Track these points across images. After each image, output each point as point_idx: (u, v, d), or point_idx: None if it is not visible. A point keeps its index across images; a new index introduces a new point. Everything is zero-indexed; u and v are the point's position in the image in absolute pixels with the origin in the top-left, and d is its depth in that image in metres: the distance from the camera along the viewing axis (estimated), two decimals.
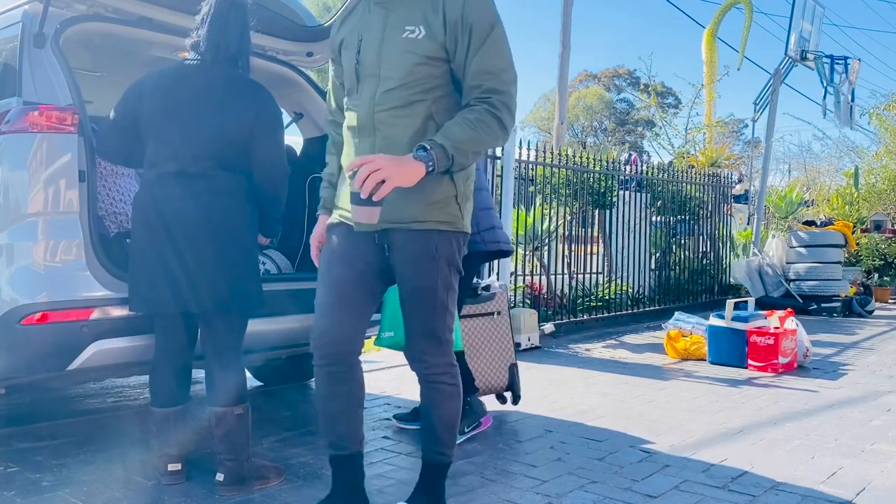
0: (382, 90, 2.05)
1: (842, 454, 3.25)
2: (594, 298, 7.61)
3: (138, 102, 2.65)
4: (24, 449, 3.12)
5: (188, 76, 2.65)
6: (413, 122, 2.05)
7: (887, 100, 15.75)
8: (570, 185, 7.26)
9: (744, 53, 14.97)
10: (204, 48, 2.64)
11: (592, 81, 41.24)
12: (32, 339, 2.54)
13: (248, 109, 2.63)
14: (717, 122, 15.07)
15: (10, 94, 2.77)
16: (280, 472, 2.78)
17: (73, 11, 3.05)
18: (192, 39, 2.67)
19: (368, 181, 1.84)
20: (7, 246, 2.58)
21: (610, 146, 32.51)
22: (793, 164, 22.24)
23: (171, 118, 2.59)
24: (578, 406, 4.12)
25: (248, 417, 2.67)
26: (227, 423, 2.60)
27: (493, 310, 3.84)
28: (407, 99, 2.04)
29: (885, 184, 14.01)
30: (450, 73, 2.08)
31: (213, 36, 2.62)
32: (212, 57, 2.64)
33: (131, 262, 2.62)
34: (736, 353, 5.39)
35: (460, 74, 2.07)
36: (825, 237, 9.68)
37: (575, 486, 2.77)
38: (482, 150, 2.05)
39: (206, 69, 2.65)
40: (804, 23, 9.86)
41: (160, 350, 2.69)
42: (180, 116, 2.59)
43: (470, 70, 2.03)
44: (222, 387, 2.63)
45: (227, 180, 2.60)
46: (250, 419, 2.69)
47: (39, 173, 2.61)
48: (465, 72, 2.05)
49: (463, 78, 2.06)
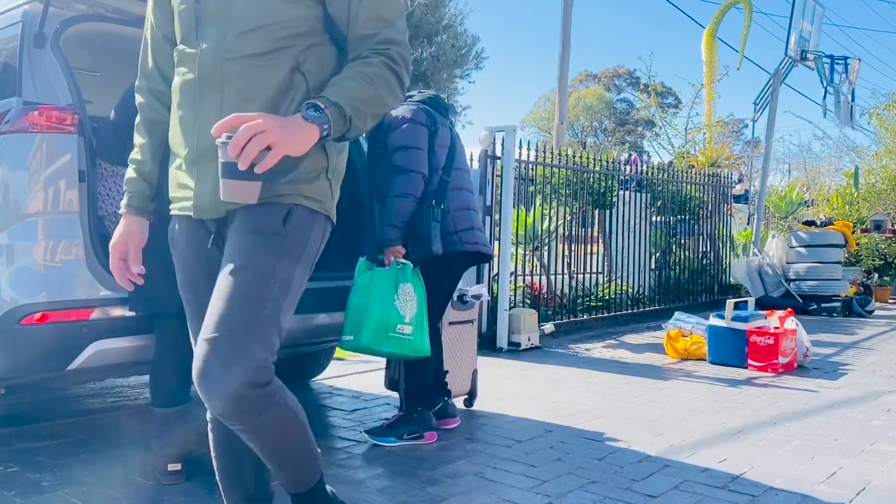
0: (235, 32, 1.61)
1: (842, 454, 3.25)
2: (594, 298, 7.61)
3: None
4: (24, 449, 3.12)
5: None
6: (275, 73, 1.62)
7: (887, 100, 15.77)
8: (570, 185, 7.26)
9: (743, 53, 14.98)
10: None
11: (592, 81, 41.27)
12: (32, 339, 2.54)
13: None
14: (717, 122, 15.06)
15: (10, 94, 2.77)
16: None
17: (73, 11, 3.06)
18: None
19: (250, 147, 1.42)
20: (7, 246, 2.58)
21: (610, 146, 32.52)
22: (793, 164, 22.27)
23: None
24: (578, 406, 4.13)
25: None
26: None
27: (472, 317, 3.92)
28: (268, 45, 1.61)
29: (885, 184, 14.01)
30: (324, 18, 1.68)
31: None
32: None
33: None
34: (736, 353, 5.39)
35: (342, 20, 1.67)
36: (825, 237, 9.68)
37: (575, 486, 2.77)
38: (381, 112, 1.66)
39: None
40: (804, 23, 9.86)
41: (160, 350, 2.69)
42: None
43: (359, 16, 1.65)
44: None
45: None
46: None
47: (39, 173, 2.61)
48: (349, 17, 1.66)
49: (347, 25, 1.67)
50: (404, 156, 3.21)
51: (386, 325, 2.98)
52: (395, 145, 3.23)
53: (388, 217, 3.18)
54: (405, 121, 3.27)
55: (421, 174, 3.21)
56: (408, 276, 3.12)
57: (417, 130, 3.26)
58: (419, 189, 3.20)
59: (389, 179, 3.21)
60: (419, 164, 3.21)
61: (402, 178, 3.18)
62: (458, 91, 21.64)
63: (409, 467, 2.96)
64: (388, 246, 3.16)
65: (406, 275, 3.11)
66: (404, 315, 3.06)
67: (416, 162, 3.20)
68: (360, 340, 2.98)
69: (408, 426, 3.30)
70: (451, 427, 3.55)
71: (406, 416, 3.35)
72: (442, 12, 20.17)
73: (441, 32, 20.25)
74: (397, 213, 3.16)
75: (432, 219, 3.22)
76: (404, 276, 3.10)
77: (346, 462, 3.03)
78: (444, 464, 3.01)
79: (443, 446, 3.27)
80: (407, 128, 3.25)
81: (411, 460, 3.05)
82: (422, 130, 3.28)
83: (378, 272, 3.08)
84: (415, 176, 3.18)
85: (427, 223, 3.20)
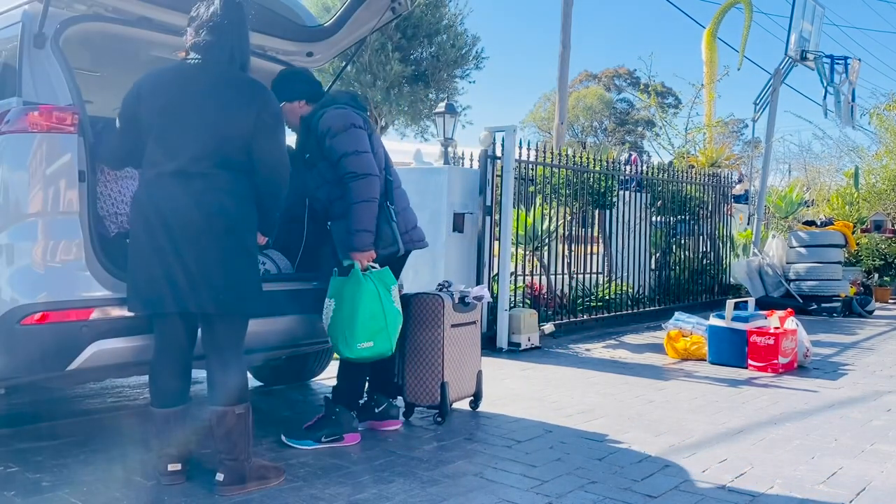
0: None
1: (842, 454, 3.25)
2: (594, 298, 7.61)
3: (137, 103, 2.62)
4: (24, 449, 3.12)
5: (188, 76, 2.63)
6: None
7: (887, 100, 15.74)
8: (570, 185, 7.25)
9: (744, 53, 14.97)
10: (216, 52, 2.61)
11: (592, 81, 41.26)
12: (32, 339, 2.54)
13: (249, 108, 2.61)
14: (717, 122, 15.05)
15: (10, 94, 2.77)
16: (280, 471, 2.77)
17: (73, 11, 3.06)
18: (195, 40, 2.63)
19: None
20: (7, 246, 2.58)
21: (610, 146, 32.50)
22: (793, 164, 22.22)
23: (170, 118, 2.57)
24: (578, 406, 4.12)
25: (249, 417, 2.67)
26: (227, 423, 2.60)
27: (475, 319, 3.92)
28: None
29: (885, 184, 13.99)
30: None
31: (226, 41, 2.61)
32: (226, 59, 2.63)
33: (130, 263, 2.61)
34: (736, 353, 5.39)
35: None
36: (825, 237, 9.67)
37: (575, 486, 2.77)
38: None
39: (207, 69, 2.63)
40: (804, 23, 9.85)
41: (160, 350, 2.69)
42: (180, 116, 2.57)
43: None
44: (223, 386, 2.62)
45: (227, 179, 2.59)
46: (251, 419, 2.69)
47: (39, 173, 2.61)
48: None
49: None
50: (357, 160, 3.14)
51: (397, 327, 3.20)
52: (343, 151, 3.14)
53: (358, 223, 3.12)
54: (347, 125, 3.19)
55: (377, 176, 3.18)
56: (393, 277, 3.23)
57: (359, 134, 3.21)
58: (379, 191, 3.18)
59: (341, 186, 3.15)
60: (373, 167, 3.17)
61: (361, 183, 3.12)
62: (458, 91, 21.66)
63: (409, 467, 2.96)
64: (363, 251, 3.13)
65: (391, 276, 3.22)
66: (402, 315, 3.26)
67: (370, 165, 3.16)
68: (388, 346, 3.15)
69: (326, 428, 3.26)
70: (391, 429, 3.53)
71: (325, 418, 3.31)
72: (442, 12, 20.19)
73: (441, 32, 20.27)
74: (367, 218, 3.13)
75: (391, 219, 3.25)
76: (391, 279, 3.21)
77: (347, 462, 3.03)
78: (444, 464, 3.01)
79: (443, 446, 3.27)
80: (351, 132, 3.18)
81: (411, 460, 3.05)
82: (363, 134, 3.23)
83: (375, 277, 3.13)
84: (373, 178, 3.15)
85: (389, 224, 3.24)
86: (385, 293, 3.14)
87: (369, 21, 3.96)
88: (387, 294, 3.15)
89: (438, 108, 8.84)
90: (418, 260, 6.27)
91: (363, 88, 19.54)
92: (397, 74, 19.11)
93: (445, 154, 7.87)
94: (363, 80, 19.35)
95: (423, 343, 3.62)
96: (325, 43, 4.06)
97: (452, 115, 8.75)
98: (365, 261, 3.14)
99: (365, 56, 18.70)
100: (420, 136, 22.31)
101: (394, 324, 3.16)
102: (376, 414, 3.53)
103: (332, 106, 3.29)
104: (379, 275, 3.16)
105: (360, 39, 4.14)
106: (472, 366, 3.88)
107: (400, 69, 19.12)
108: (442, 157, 7.62)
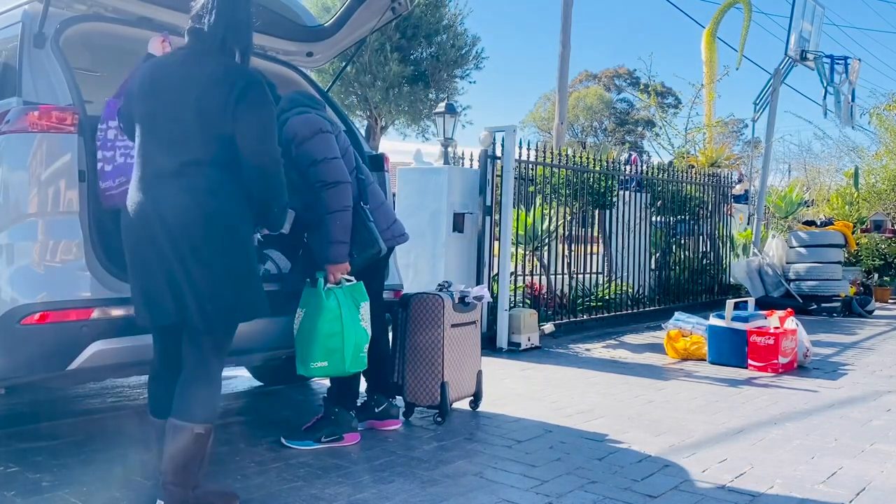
0: None
1: (842, 454, 3.25)
2: (594, 298, 7.61)
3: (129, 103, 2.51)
4: (24, 449, 3.12)
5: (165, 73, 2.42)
6: None
7: (887, 100, 15.74)
8: (570, 185, 7.25)
9: (743, 53, 14.95)
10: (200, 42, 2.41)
11: (592, 81, 41.26)
12: (32, 339, 2.54)
13: (230, 93, 2.34)
14: (717, 122, 15.03)
15: (10, 94, 2.77)
16: (230, 499, 2.51)
17: (73, 11, 3.06)
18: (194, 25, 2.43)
19: None
20: (7, 246, 2.58)
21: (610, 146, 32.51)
22: (793, 164, 22.22)
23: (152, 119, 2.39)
24: (578, 406, 4.12)
25: (209, 441, 2.41)
26: (181, 440, 2.32)
27: (475, 319, 3.91)
28: None
29: (885, 184, 13.98)
30: None
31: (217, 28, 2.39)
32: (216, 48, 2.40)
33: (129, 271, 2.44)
34: (736, 353, 5.39)
35: None
36: (825, 237, 9.67)
37: (575, 486, 2.77)
38: None
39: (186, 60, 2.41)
40: (804, 23, 9.85)
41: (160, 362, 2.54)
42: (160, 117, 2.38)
43: None
44: (190, 398, 2.36)
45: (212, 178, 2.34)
46: (210, 443, 2.43)
47: (39, 173, 2.61)
48: None
49: None
50: (328, 168, 3.07)
51: (360, 347, 3.08)
52: (312, 159, 3.06)
53: (331, 234, 3.06)
54: (314, 131, 3.11)
55: (349, 183, 3.13)
56: (364, 294, 3.14)
57: (329, 139, 3.14)
58: (351, 199, 3.13)
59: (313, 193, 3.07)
60: (343, 173, 3.11)
61: (332, 192, 3.06)
62: (458, 91, 21.68)
63: (409, 467, 2.96)
64: (338, 263, 3.08)
65: (363, 293, 3.14)
66: (369, 334, 3.14)
67: (341, 172, 3.11)
68: (342, 367, 3.03)
69: (326, 429, 3.26)
70: (391, 429, 3.52)
71: (324, 418, 3.31)
72: (442, 12, 20.19)
73: (441, 32, 20.28)
74: (340, 228, 3.07)
75: (368, 220, 3.19)
76: (362, 295, 3.13)
77: (346, 462, 3.03)
78: (444, 464, 3.01)
79: (443, 446, 3.27)
80: (318, 139, 3.11)
81: (411, 460, 3.05)
82: (331, 138, 3.16)
83: (339, 294, 3.04)
84: (344, 186, 3.09)
85: (366, 225, 3.17)
86: (351, 311, 3.05)
87: (369, 21, 3.96)
88: (352, 312, 3.05)
89: (438, 108, 8.85)
90: (418, 260, 6.28)
91: (363, 88, 19.55)
92: (396, 75, 19.11)
93: (445, 154, 7.88)
94: (363, 81, 19.35)
95: (423, 343, 3.62)
96: (325, 43, 4.06)
97: (452, 115, 8.76)
98: (338, 273, 3.08)
99: (364, 56, 18.70)
100: (420, 136, 22.33)
101: (353, 344, 3.03)
102: (376, 414, 3.53)
103: (294, 111, 3.19)
104: (350, 290, 3.09)
105: (360, 39, 4.14)
106: (472, 366, 3.88)
107: (399, 69, 19.11)
108: (442, 157, 7.63)
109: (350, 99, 20.24)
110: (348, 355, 3.02)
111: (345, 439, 3.27)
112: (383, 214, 3.39)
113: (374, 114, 20.64)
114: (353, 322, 3.06)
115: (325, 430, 3.25)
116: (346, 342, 3.01)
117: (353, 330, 3.04)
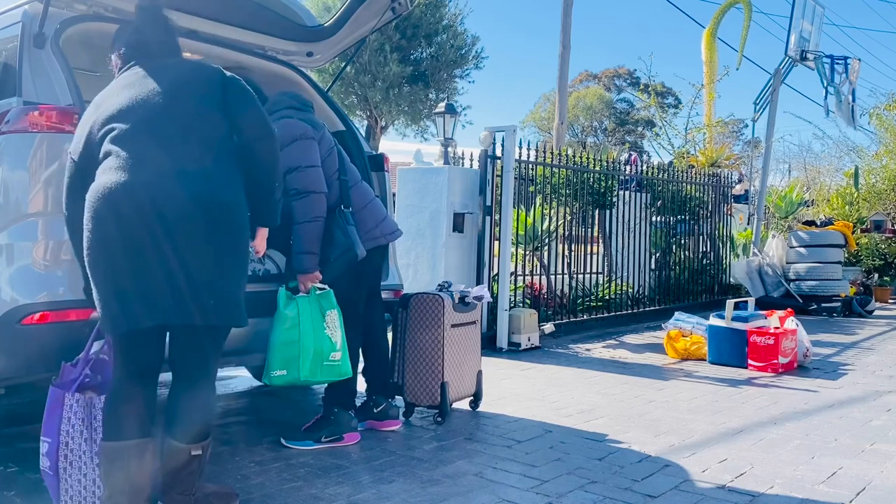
0: None
1: (842, 454, 3.25)
2: (594, 298, 7.61)
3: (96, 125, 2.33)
4: (25, 449, 3.11)
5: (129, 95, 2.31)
6: None
7: (887, 100, 15.74)
8: (570, 185, 7.25)
9: (743, 53, 14.95)
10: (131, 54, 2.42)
11: (592, 81, 41.27)
12: (32, 339, 2.54)
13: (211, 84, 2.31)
14: (717, 122, 15.03)
15: (10, 94, 2.77)
16: (231, 498, 2.50)
17: (73, 11, 3.06)
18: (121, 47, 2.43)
19: None
20: (7, 246, 2.58)
21: (610, 146, 32.53)
22: (793, 164, 22.21)
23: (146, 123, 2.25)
24: (578, 406, 4.12)
25: (206, 455, 2.35)
26: (179, 460, 2.27)
27: (475, 319, 3.90)
28: None
29: (885, 184, 13.99)
30: None
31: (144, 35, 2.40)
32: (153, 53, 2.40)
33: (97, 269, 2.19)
34: (736, 353, 5.39)
35: None
36: (825, 237, 9.67)
37: (575, 486, 2.77)
38: None
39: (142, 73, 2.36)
40: (804, 23, 9.85)
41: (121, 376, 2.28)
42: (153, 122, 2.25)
43: None
44: (186, 418, 2.27)
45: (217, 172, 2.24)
46: (207, 456, 2.37)
47: (39, 173, 2.61)
48: None
49: None
50: (301, 177, 3.05)
51: (321, 355, 3.00)
52: (287, 167, 3.00)
53: (301, 245, 3.06)
54: (293, 137, 3.08)
55: (322, 193, 3.10)
56: (333, 302, 3.10)
57: (308, 146, 3.11)
58: (324, 208, 3.11)
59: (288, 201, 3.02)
60: (318, 183, 3.09)
61: (305, 202, 3.05)
62: (458, 91, 21.71)
63: (409, 467, 2.96)
64: (307, 273, 3.08)
65: (331, 301, 3.10)
66: (336, 342, 3.06)
67: (315, 181, 3.08)
68: (297, 375, 2.95)
69: (325, 429, 3.25)
70: (391, 429, 3.52)
71: (324, 418, 3.30)
72: (442, 12, 20.21)
73: (441, 32, 20.29)
74: (310, 239, 3.07)
75: (347, 224, 3.17)
76: (329, 303, 3.09)
77: (346, 462, 3.03)
78: (444, 464, 3.01)
79: (443, 446, 3.27)
80: (296, 146, 3.08)
81: (411, 460, 3.05)
82: (312, 145, 3.13)
83: (302, 302, 3.01)
84: (316, 196, 3.08)
85: (344, 230, 3.15)
86: (314, 319, 2.99)
87: (369, 21, 3.96)
88: (316, 320, 3.00)
89: (438, 108, 8.83)
90: (418, 260, 6.28)
91: (363, 88, 19.56)
92: (396, 75, 19.13)
93: (445, 154, 7.86)
94: (363, 81, 19.37)
95: (423, 343, 3.62)
96: (325, 43, 4.06)
97: (452, 115, 8.74)
98: (308, 283, 3.08)
99: (364, 56, 18.71)
100: (420, 136, 22.36)
101: (312, 352, 2.95)
102: (376, 414, 3.53)
103: (275, 115, 3.17)
104: (317, 298, 3.06)
105: (360, 39, 4.14)
106: (472, 366, 3.88)
107: (399, 69, 19.13)
108: (442, 157, 7.61)
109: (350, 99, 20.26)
110: (305, 364, 2.94)
111: (345, 439, 3.27)
112: (370, 213, 3.35)
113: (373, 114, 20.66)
114: (315, 330, 2.98)
115: (325, 430, 3.25)
116: (304, 351, 2.94)
117: (311, 338, 2.96)
